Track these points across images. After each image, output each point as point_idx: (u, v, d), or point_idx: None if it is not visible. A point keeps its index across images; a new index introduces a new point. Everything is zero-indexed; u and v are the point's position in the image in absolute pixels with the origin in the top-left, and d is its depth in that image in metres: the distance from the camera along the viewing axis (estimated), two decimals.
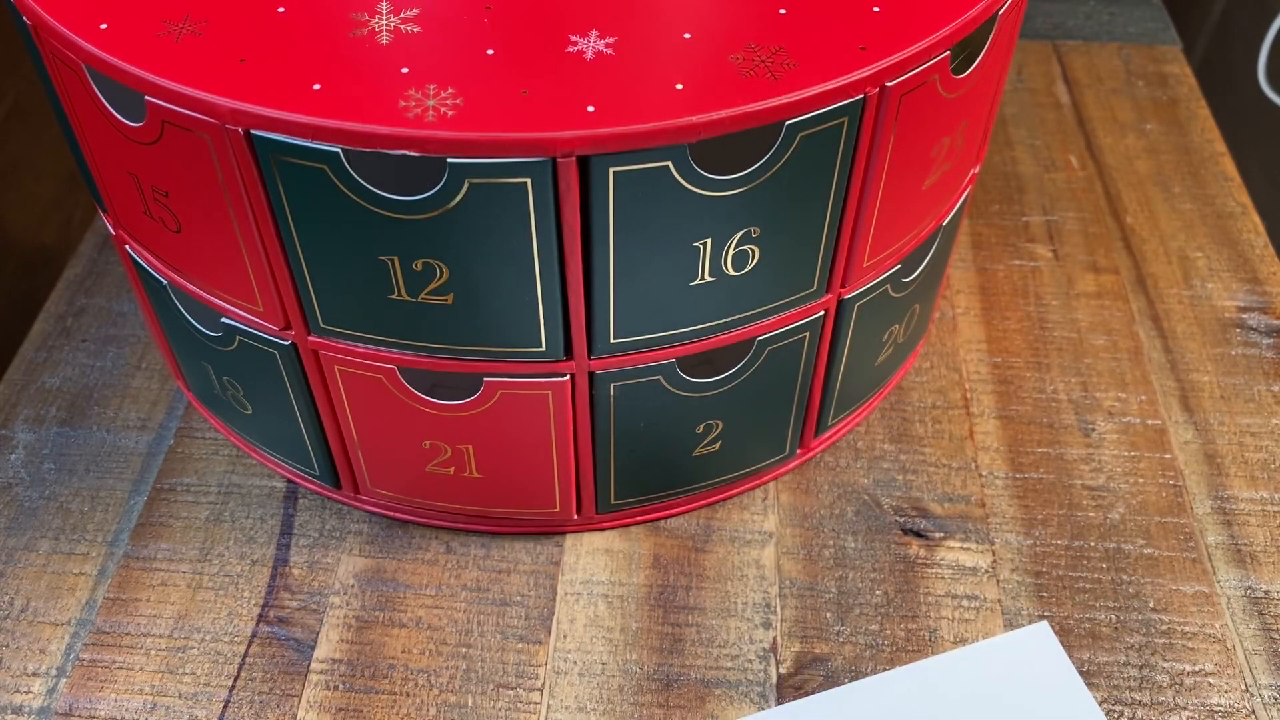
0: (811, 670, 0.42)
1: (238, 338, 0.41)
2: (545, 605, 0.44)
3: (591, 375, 0.39)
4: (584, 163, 0.32)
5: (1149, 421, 0.50)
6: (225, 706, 0.41)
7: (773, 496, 0.47)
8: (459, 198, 0.32)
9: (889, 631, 0.43)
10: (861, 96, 0.33)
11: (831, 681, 0.42)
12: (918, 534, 0.46)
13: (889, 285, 0.43)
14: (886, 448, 0.49)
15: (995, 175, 0.61)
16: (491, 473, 0.43)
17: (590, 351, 0.38)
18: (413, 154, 0.31)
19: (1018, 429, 0.50)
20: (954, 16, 0.35)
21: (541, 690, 0.41)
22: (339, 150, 0.32)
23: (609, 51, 0.34)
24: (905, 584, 0.44)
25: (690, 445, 0.43)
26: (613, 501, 0.45)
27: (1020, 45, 0.70)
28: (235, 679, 0.42)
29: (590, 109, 0.31)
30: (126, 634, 0.43)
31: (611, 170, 0.32)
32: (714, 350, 0.39)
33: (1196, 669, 0.42)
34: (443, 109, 0.31)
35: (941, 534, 0.46)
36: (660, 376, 0.40)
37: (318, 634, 0.43)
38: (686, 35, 0.34)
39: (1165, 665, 0.42)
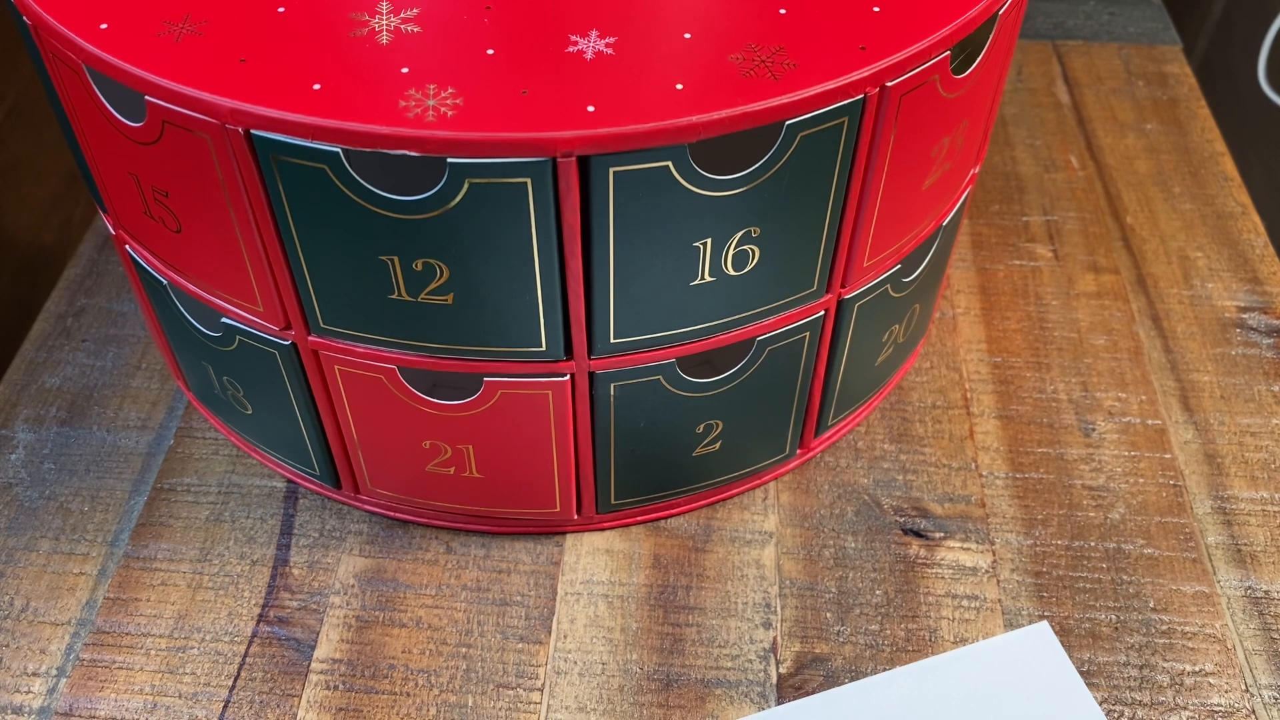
0: (811, 670, 0.42)
1: (238, 338, 0.41)
2: (545, 605, 0.44)
3: (591, 375, 0.39)
4: (584, 163, 0.32)
5: (1149, 421, 0.50)
6: (225, 706, 0.41)
7: (773, 496, 0.47)
8: (459, 198, 0.32)
9: (889, 631, 0.43)
10: (861, 96, 0.33)
11: (831, 681, 0.42)
12: (918, 534, 0.46)
13: (889, 285, 0.43)
14: (887, 448, 0.49)
15: (995, 175, 0.61)
16: (491, 473, 0.43)
17: (590, 351, 0.38)
18: (413, 154, 0.31)
19: (1018, 429, 0.50)
20: (954, 16, 0.35)
21: (542, 690, 0.41)
22: (339, 150, 0.32)
23: (609, 51, 0.34)
24: (905, 584, 0.44)
25: (690, 445, 0.43)
26: (613, 501, 0.45)
27: (1020, 45, 0.70)
28: (235, 679, 0.42)
29: (590, 109, 0.31)
30: (127, 634, 0.43)
31: (611, 170, 0.32)
32: (714, 350, 0.39)
33: (1196, 669, 0.42)
34: (443, 109, 0.31)
35: (941, 534, 0.46)
36: (660, 376, 0.40)
37: (318, 634, 0.43)
38: (687, 35, 0.34)
39: (1165, 665, 0.42)
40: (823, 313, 0.41)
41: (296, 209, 0.34)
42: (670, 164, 0.32)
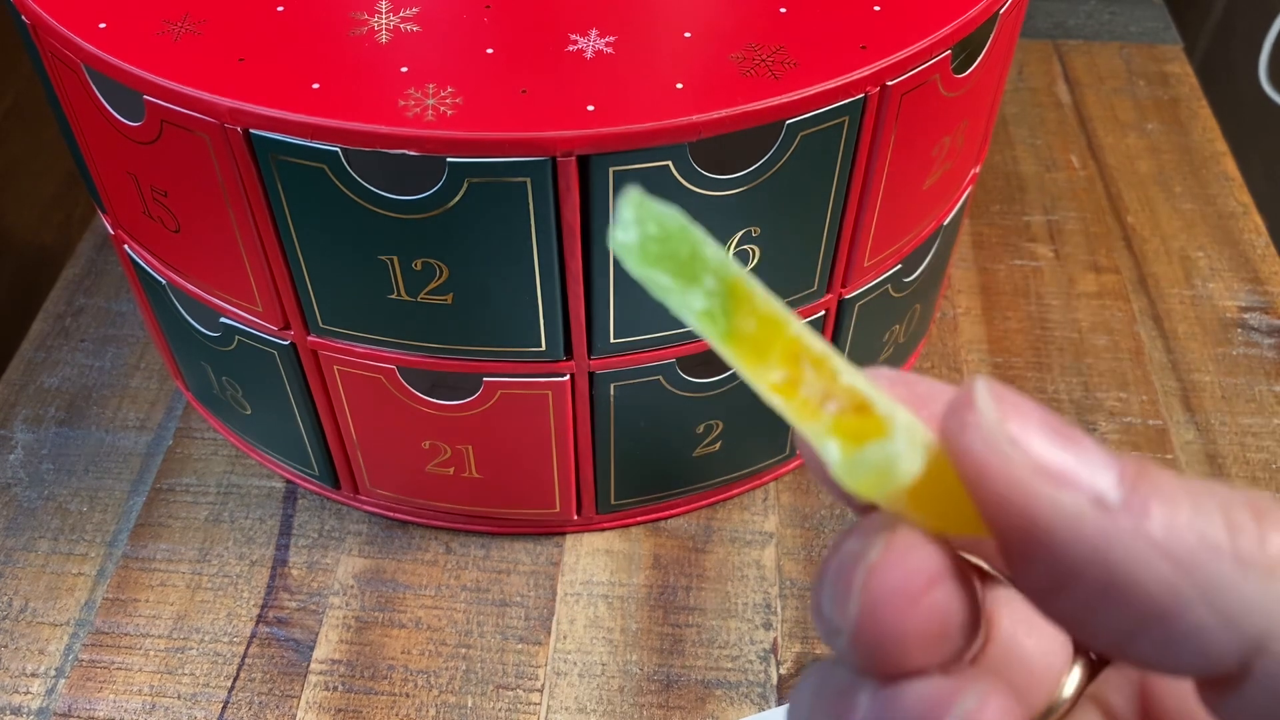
0: None
1: (237, 338, 0.41)
2: (545, 606, 0.44)
3: (591, 375, 0.39)
4: (584, 162, 0.32)
5: (1150, 422, 0.50)
6: (224, 707, 0.41)
7: (773, 497, 0.47)
8: (458, 197, 0.32)
9: None
10: (862, 96, 0.33)
11: None
12: None
13: (890, 285, 0.43)
14: None
15: (996, 175, 0.61)
16: (491, 473, 0.43)
17: (590, 351, 0.38)
18: (412, 153, 0.31)
19: None
20: (955, 15, 0.34)
21: (541, 691, 0.41)
22: (338, 150, 0.32)
23: (609, 50, 0.33)
24: None
25: (690, 445, 0.43)
26: (613, 502, 0.45)
27: (1021, 44, 0.70)
28: (234, 680, 0.42)
29: (590, 108, 0.31)
30: (125, 634, 0.43)
31: (611, 170, 0.32)
32: (714, 350, 0.39)
33: None
34: (442, 108, 0.31)
35: None
36: (660, 376, 0.39)
37: (317, 635, 0.43)
38: (687, 34, 0.34)
39: None
40: (823, 313, 0.41)
41: (295, 209, 0.34)
42: (670, 163, 0.32)
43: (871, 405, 0.16)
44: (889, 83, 0.33)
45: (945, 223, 0.44)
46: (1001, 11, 0.37)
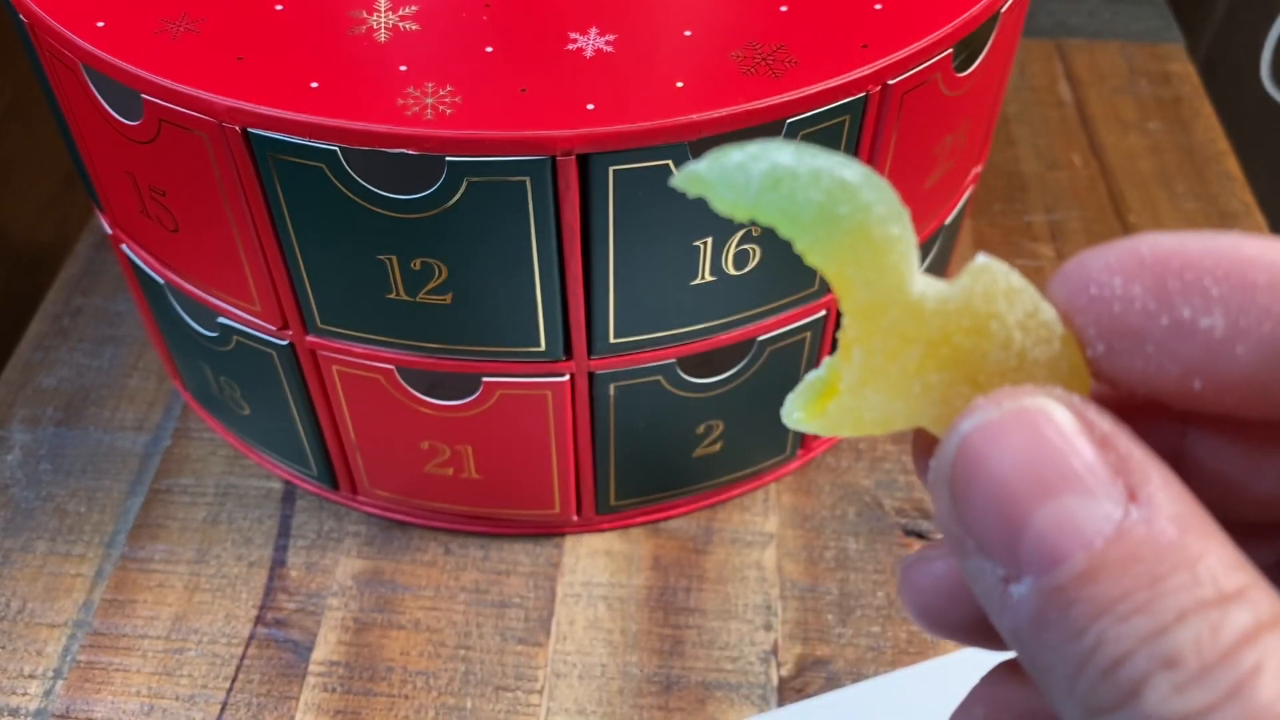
0: (813, 672, 0.42)
1: (235, 337, 0.40)
2: (545, 607, 0.43)
3: (591, 375, 0.39)
4: (583, 161, 0.32)
5: None
6: (223, 709, 0.41)
7: (774, 498, 0.47)
8: (457, 196, 0.32)
9: (891, 633, 0.43)
10: (863, 94, 0.33)
11: (833, 684, 0.41)
12: (920, 535, 0.46)
13: None
14: (888, 448, 0.49)
15: (998, 174, 0.61)
16: (490, 474, 0.43)
17: (590, 351, 0.38)
18: (411, 152, 0.31)
19: None
20: (956, 14, 0.34)
21: (541, 693, 0.41)
22: (337, 149, 0.31)
23: (608, 49, 0.33)
24: None
25: (690, 446, 0.43)
26: (612, 503, 0.45)
27: (1022, 43, 0.69)
28: (233, 681, 0.41)
29: (590, 107, 0.31)
30: (123, 635, 0.43)
31: (611, 169, 0.32)
32: (714, 350, 0.39)
33: None
34: (441, 107, 0.31)
35: None
36: (660, 377, 0.39)
37: (315, 636, 0.43)
38: (687, 33, 0.34)
39: None
40: (824, 312, 0.41)
41: (294, 208, 0.34)
42: (670, 162, 0.32)
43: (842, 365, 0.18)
44: (890, 81, 0.33)
45: (946, 222, 0.44)
46: (1003, 10, 0.37)
